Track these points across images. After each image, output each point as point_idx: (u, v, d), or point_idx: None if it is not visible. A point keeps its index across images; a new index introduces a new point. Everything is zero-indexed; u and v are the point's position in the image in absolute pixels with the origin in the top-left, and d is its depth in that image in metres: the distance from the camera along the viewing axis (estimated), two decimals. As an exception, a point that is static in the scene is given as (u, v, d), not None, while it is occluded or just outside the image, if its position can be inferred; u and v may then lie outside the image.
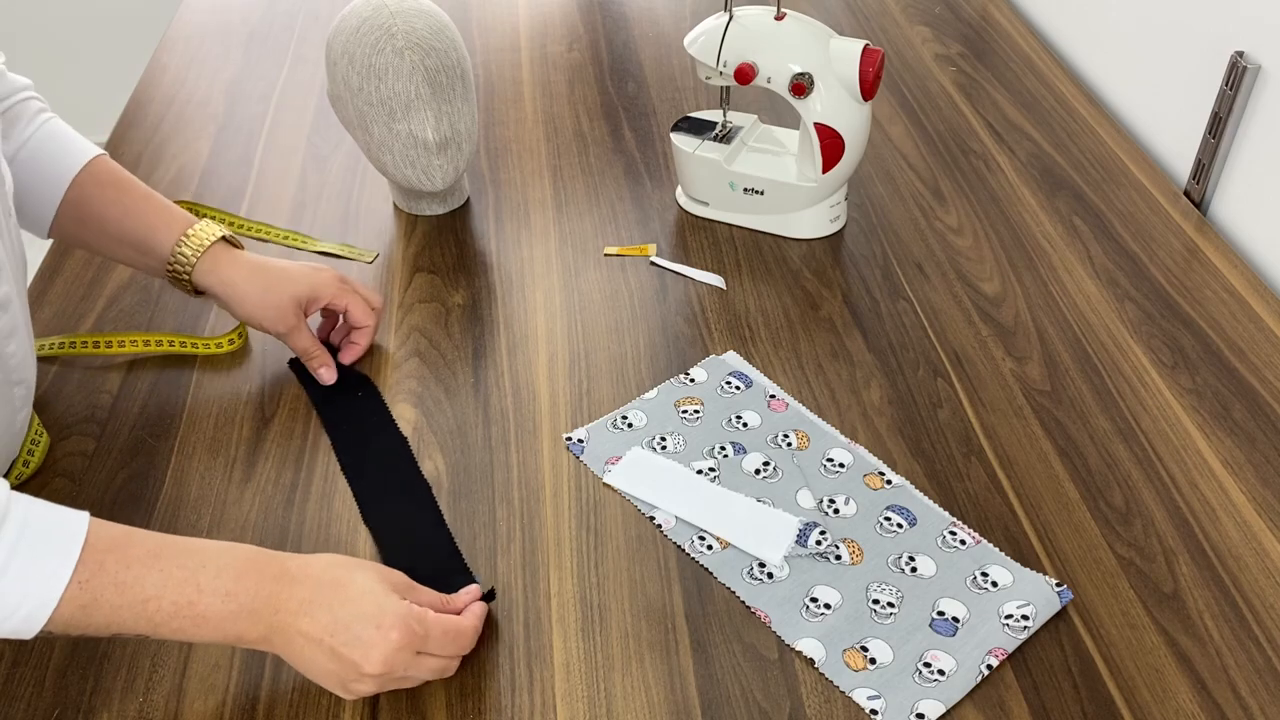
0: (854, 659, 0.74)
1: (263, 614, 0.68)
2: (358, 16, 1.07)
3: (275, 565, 0.70)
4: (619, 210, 1.18)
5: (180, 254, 0.91)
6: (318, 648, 0.68)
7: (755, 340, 1.00)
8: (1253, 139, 1.11)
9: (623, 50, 1.49)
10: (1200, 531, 0.82)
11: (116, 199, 0.92)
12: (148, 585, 0.65)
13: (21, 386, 0.83)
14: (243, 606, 0.67)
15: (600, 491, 0.86)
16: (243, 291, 0.92)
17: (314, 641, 0.68)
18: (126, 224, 0.91)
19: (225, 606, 0.67)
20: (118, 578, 0.65)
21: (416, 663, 0.70)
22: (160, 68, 1.46)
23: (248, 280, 0.92)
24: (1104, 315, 1.02)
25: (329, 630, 0.68)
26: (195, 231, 0.92)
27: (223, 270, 0.92)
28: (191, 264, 0.91)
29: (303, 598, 0.69)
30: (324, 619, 0.69)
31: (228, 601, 0.67)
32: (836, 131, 1.06)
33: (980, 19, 1.55)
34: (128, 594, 0.65)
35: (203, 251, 0.91)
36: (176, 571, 0.66)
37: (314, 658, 0.69)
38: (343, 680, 0.69)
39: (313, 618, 0.68)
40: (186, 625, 0.66)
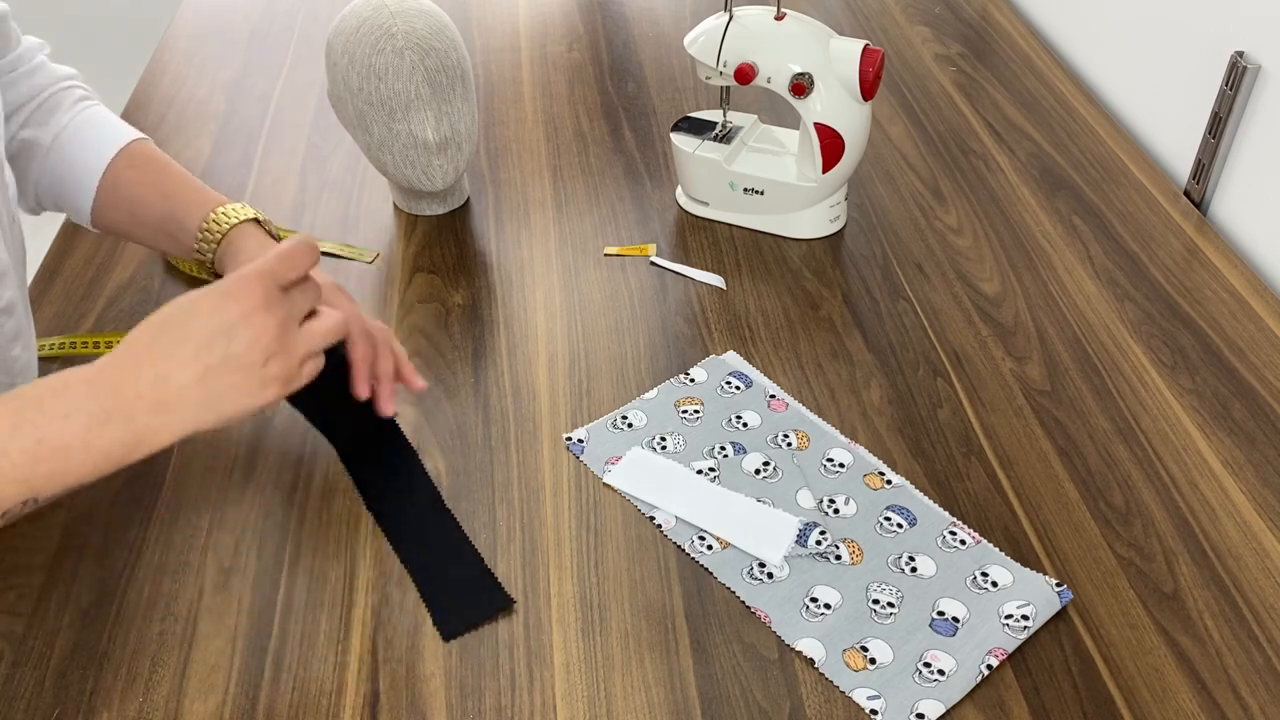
0: (854, 659, 0.74)
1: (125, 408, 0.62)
2: (358, 16, 1.07)
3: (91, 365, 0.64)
4: (619, 210, 1.18)
5: (202, 238, 0.87)
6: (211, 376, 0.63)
7: (755, 340, 1.00)
8: (1253, 139, 1.11)
9: (623, 50, 1.49)
10: (1200, 531, 0.82)
11: (151, 180, 0.89)
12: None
13: None
14: (93, 415, 0.61)
15: (600, 491, 0.86)
16: None
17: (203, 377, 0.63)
18: (160, 205, 0.88)
19: (74, 425, 0.61)
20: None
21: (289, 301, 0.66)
22: (160, 68, 1.46)
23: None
24: (1104, 315, 1.02)
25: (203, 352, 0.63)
26: (224, 211, 0.87)
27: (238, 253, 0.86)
28: (215, 241, 0.86)
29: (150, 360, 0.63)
30: (187, 352, 0.63)
31: (71, 420, 0.61)
32: (836, 131, 1.06)
33: (980, 19, 1.55)
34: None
35: (221, 236, 0.86)
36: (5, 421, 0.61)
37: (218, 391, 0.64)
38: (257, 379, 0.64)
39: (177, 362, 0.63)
40: (57, 465, 0.61)
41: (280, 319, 0.65)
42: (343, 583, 0.80)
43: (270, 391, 0.66)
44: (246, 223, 0.87)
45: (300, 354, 0.68)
